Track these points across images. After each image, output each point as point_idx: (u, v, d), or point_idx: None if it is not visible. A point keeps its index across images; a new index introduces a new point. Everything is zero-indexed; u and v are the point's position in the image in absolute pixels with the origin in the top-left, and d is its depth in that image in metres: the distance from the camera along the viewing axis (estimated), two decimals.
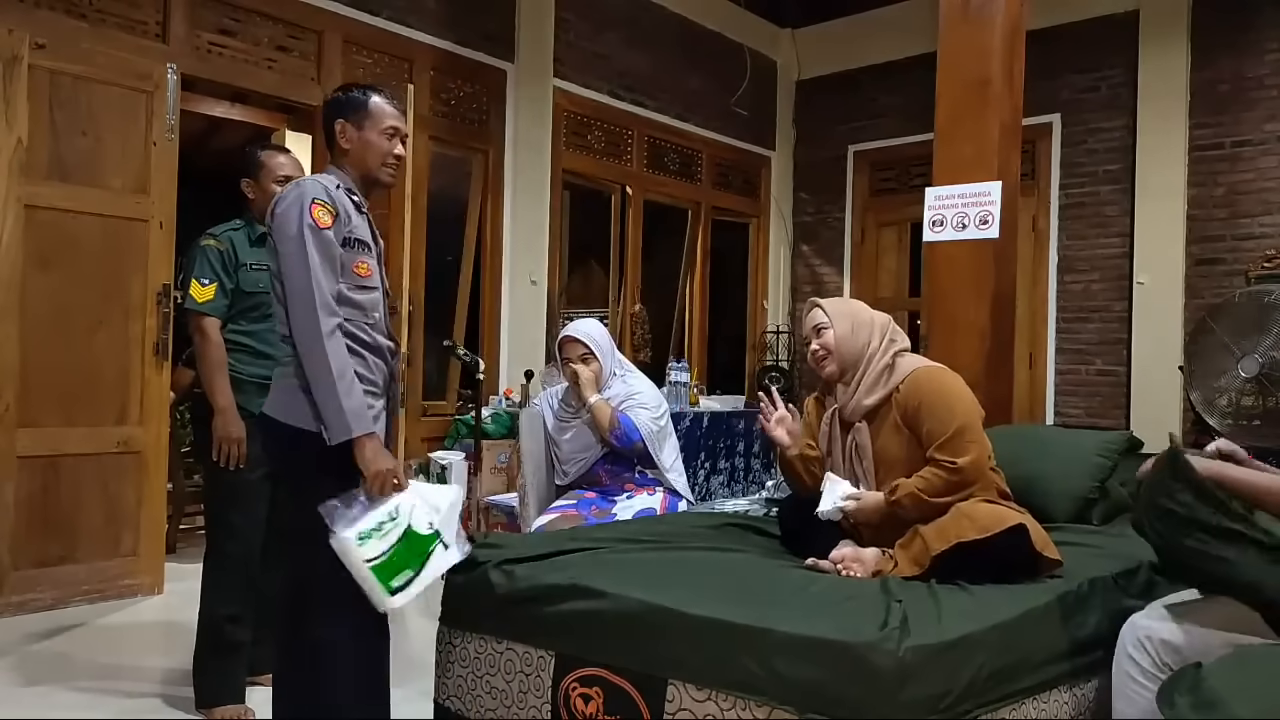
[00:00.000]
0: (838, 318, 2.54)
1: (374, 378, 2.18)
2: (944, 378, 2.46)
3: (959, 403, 2.40)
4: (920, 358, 2.56)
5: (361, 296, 2.16)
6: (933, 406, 2.38)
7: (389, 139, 2.23)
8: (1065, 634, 2.05)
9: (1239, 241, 5.61)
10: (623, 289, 6.57)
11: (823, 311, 2.57)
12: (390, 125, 2.23)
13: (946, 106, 3.71)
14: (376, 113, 2.22)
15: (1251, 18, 5.60)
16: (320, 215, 2.06)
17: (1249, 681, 1.64)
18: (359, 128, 2.21)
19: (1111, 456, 3.09)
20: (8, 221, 3.65)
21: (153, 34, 4.23)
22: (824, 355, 2.53)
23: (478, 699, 2.24)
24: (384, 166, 2.23)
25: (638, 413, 3.17)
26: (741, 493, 5.84)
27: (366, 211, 2.24)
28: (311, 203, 2.06)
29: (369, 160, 2.22)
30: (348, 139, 2.22)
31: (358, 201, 2.21)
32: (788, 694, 1.77)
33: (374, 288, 2.20)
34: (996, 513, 2.25)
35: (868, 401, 2.46)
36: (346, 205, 2.15)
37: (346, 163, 2.23)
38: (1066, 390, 6.22)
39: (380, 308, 2.22)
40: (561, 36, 5.88)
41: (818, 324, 2.56)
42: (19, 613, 3.65)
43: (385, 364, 2.24)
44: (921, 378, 2.44)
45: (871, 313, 2.60)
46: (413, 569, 2.02)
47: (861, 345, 2.50)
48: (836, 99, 7.33)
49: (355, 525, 1.99)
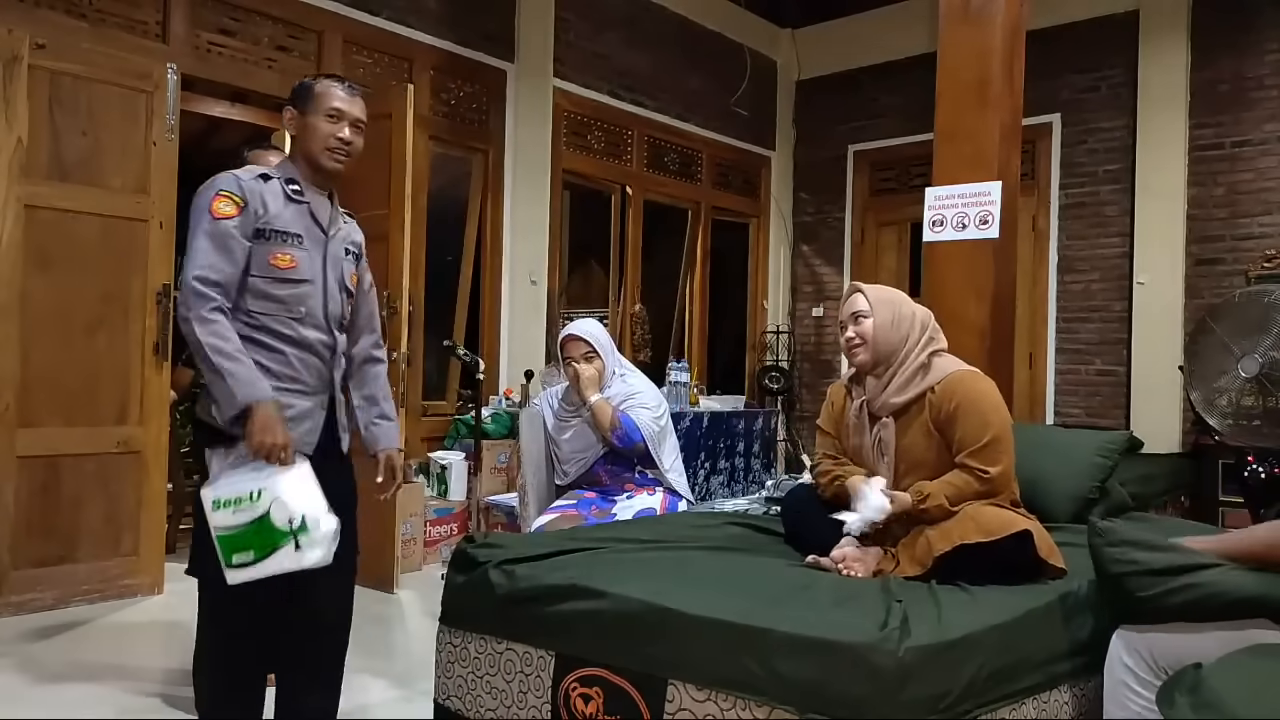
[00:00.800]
0: (879, 306, 2.48)
1: (295, 373, 2.14)
2: (981, 384, 2.42)
3: (994, 413, 2.37)
4: (956, 360, 2.50)
5: (280, 290, 2.12)
6: (968, 413, 2.35)
7: (332, 121, 2.18)
8: (1065, 634, 2.05)
9: (1239, 241, 5.61)
10: (623, 289, 6.57)
11: (864, 298, 2.50)
12: (333, 107, 2.18)
13: (946, 106, 3.71)
14: (321, 95, 2.19)
15: (1251, 18, 5.60)
16: (220, 206, 2.05)
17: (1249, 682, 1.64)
18: (303, 113, 2.19)
19: (1111, 456, 3.09)
20: (8, 221, 3.65)
21: (153, 34, 4.23)
22: (859, 344, 2.47)
23: (478, 699, 2.24)
24: (326, 150, 2.18)
25: (639, 413, 3.17)
26: (741, 493, 5.84)
27: (308, 201, 2.18)
28: (216, 194, 2.07)
29: (311, 144, 2.18)
30: (293, 125, 2.20)
31: (294, 191, 2.16)
32: (788, 694, 1.77)
33: (298, 280, 2.14)
34: (1003, 517, 2.25)
35: (898, 400, 2.43)
36: (268, 195, 2.11)
37: (296, 150, 2.21)
38: (1066, 390, 6.22)
39: (310, 301, 2.16)
40: (561, 36, 5.88)
41: (857, 311, 2.49)
42: (19, 613, 3.65)
43: (319, 359, 2.18)
44: (957, 382, 2.40)
45: (914, 306, 2.55)
46: (255, 553, 1.96)
47: (899, 339, 2.45)
48: (836, 99, 7.33)
49: (217, 488, 1.99)
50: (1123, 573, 1.89)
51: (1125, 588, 1.90)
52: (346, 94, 2.21)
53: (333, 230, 2.23)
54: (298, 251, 2.14)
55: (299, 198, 2.17)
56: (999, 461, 2.33)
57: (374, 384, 2.39)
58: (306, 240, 2.16)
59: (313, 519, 1.97)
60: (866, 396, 2.50)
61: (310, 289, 2.16)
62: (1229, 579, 1.83)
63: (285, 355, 2.13)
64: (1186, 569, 1.84)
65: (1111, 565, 1.91)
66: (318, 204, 2.21)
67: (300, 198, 2.17)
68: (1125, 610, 1.94)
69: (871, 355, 2.46)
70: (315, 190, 2.22)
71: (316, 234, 2.19)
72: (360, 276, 2.35)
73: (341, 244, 2.26)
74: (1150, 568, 1.86)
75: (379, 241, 4.34)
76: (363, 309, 2.37)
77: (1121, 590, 1.91)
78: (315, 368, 2.18)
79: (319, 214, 2.21)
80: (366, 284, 2.39)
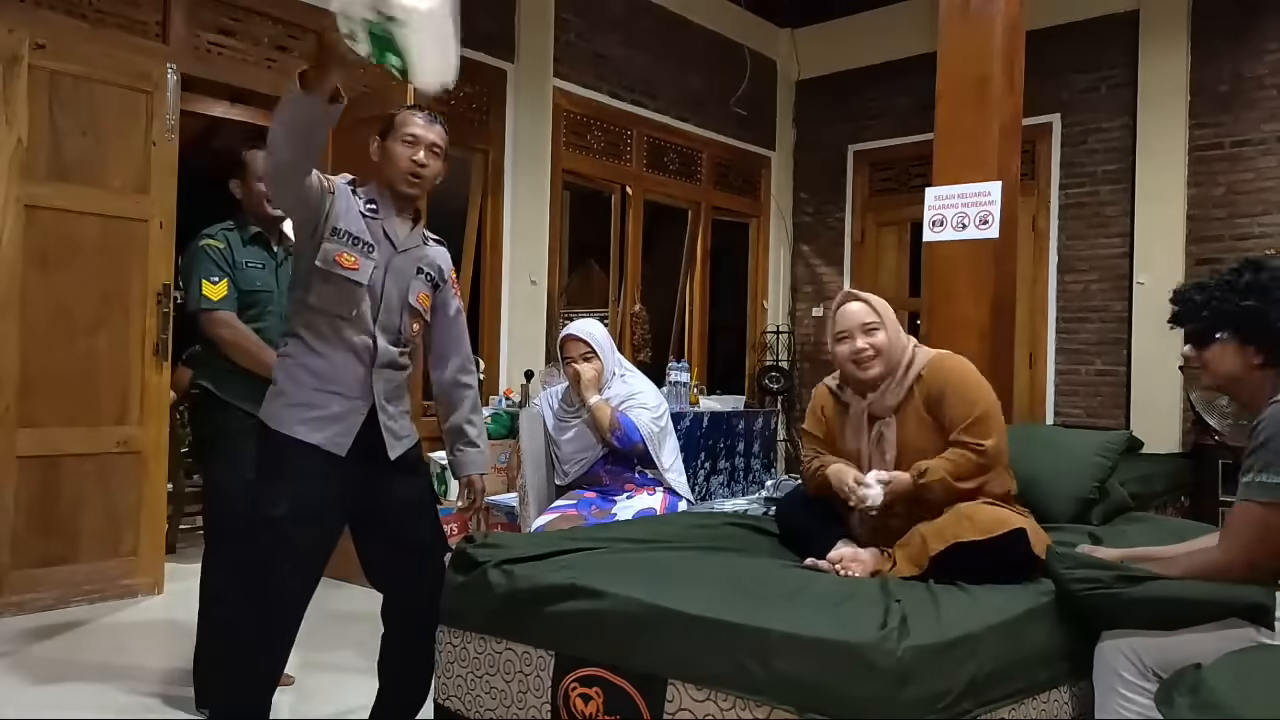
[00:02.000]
0: (887, 318, 2.49)
1: (334, 376, 2.19)
2: (964, 365, 2.48)
3: (979, 389, 2.42)
4: (927, 348, 2.56)
5: (337, 287, 2.17)
6: (955, 392, 2.39)
7: (409, 145, 2.25)
8: (1065, 633, 2.05)
9: (1238, 241, 5.60)
10: (623, 289, 6.57)
11: (872, 310, 2.49)
12: (410, 132, 2.25)
13: (946, 106, 3.71)
14: (400, 122, 2.27)
15: (1251, 18, 5.60)
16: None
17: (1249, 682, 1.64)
18: (383, 140, 2.27)
19: (1111, 456, 3.09)
20: (8, 221, 3.65)
21: (153, 34, 4.23)
22: (873, 355, 2.44)
23: (478, 699, 2.24)
24: (402, 173, 2.25)
25: (638, 413, 3.17)
26: (741, 493, 5.84)
27: (381, 219, 2.25)
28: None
29: (389, 169, 2.25)
30: (376, 153, 2.28)
31: (370, 209, 2.24)
32: (788, 694, 1.77)
33: (355, 283, 2.18)
34: (997, 515, 2.25)
35: (895, 399, 2.46)
36: (350, 200, 2.20)
37: (379, 176, 2.28)
38: (1066, 390, 6.22)
39: (363, 307, 2.20)
40: (561, 36, 5.88)
41: (866, 322, 2.46)
42: (19, 613, 3.65)
43: (362, 365, 2.22)
44: (940, 365, 2.44)
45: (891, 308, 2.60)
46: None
47: (902, 347, 2.49)
48: (836, 99, 7.33)
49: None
50: (1080, 592, 1.98)
51: (1087, 604, 1.98)
52: (424, 120, 2.28)
53: (405, 247, 2.29)
54: (363, 258, 2.20)
55: (373, 215, 2.24)
56: (990, 434, 2.36)
57: (460, 410, 2.47)
58: (376, 252, 2.22)
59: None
60: (867, 402, 2.50)
61: (365, 293, 2.21)
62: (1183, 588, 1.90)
63: (327, 359, 2.19)
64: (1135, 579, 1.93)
65: (1069, 585, 2.00)
66: (391, 222, 2.27)
67: (374, 215, 2.24)
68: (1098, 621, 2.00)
69: (885, 367, 2.46)
70: (394, 213, 2.28)
71: (386, 248, 2.25)
72: (440, 302, 2.41)
73: (414, 261, 2.31)
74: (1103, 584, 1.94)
75: None
76: (449, 334, 2.46)
77: (1085, 606, 1.99)
78: (356, 373, 2.22)
79: (391, 230, 2.27)
80: (453, 310, 2.46)
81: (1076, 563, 2.02)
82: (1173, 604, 1.88)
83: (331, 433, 2.18)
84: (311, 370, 2.18)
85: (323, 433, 2.16)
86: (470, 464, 2.48)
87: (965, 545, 2.17)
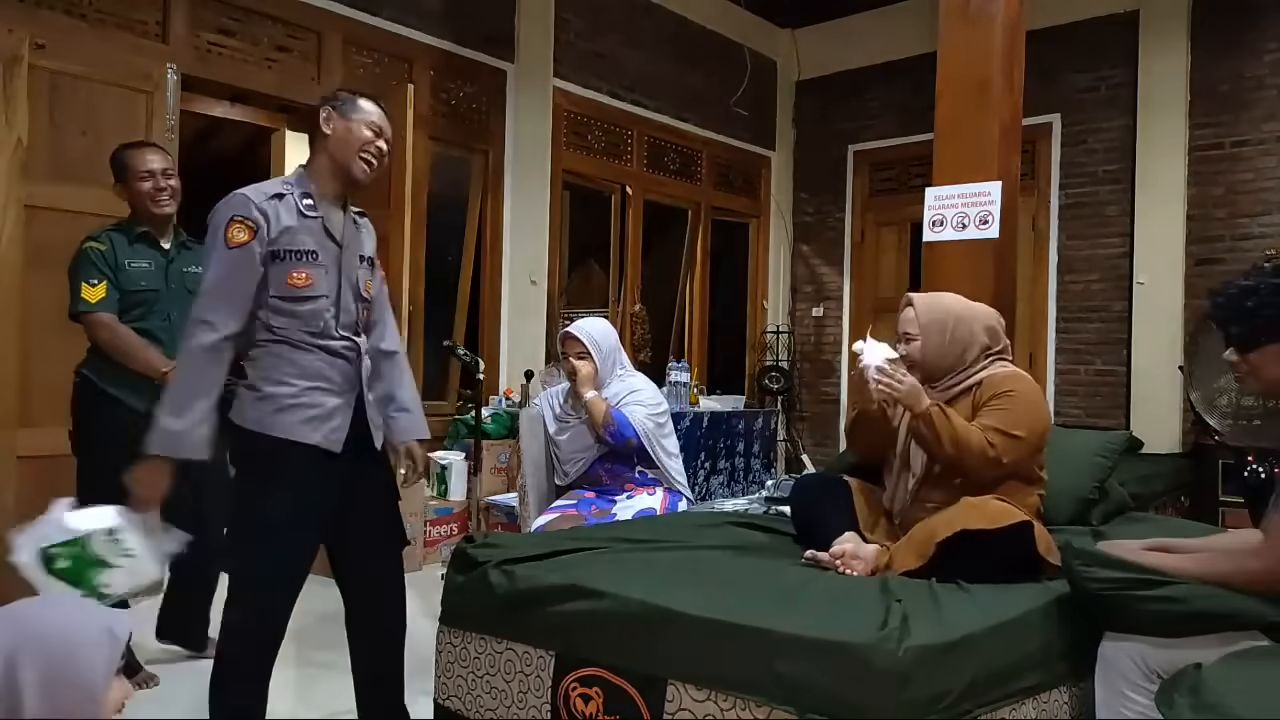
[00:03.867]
0: (930, 327, 2.49)
1: (322, 373, 2.18)
2: (1027, 387, 2.47)
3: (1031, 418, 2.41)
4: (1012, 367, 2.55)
5: (300, 308, 2.15)
6: (1005, 407, 2.40)
7: (366, 131, 2.22)
8: (1065, 634, 2.05)
9: (1239, 241, 5.61)
10: (623, 289, 6.57)
11: (914, 319, 2.52)
12: (373, 121, 2.23)
13: (946, 106, 3.70)
14: (363, 106, 2.24)
15: (1251, 18, 5.60)
16: (235, 233, 2.08)
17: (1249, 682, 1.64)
18: (344, 116, 2.22)
19: (1111, 456, 3.09)
20: (8, 221, 3.65)
21: (153, 34, 4.23)
22: (910, 364, 2.49)
23: (478, 699, 2.24)
24: (360, 154, 2.21)
25: (633, 410, 3.17)
26: (741, 493, 5.84)
27: (320, 215, 2.19)
28: (229, 221, 2.09)
29: (347, 146, 2.20)
30: (331, 124, 2.21)
31: (307, 207, 2.17)
32: (788, 694, 1.77)
33: (314, 297, 2.16)
34: (1005, 508, 2.26)
35: (941, 396, 2.49)
36: (282, 214, 2.13)
37: (324, 152, 2.22)
38: (1066, 390, 6.21)
39: (327, 316, 2.19)
40: (561, 36, 5.88)
41: (906, 331, 2.52)
42: None
43: (345, 360, 2.22)
44: (1010, 376, 2.47)
45: (966, 323, 2.53)
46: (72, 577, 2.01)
47: (955, 357, 2.49)
48: (836, 99, 7.33)
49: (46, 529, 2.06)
50: (1095, 591, 1.94)
51: (1100, 604, 1.95)
52: (382, 117, 2.27)
53: (346, 242, 2.25)
54: (313, 269, 2.16)
55: (311, 213, 2.18)
56: (1012, 452, 2.37)
57: (388, 377, 2.40)
58: (322, 256, 2.18)
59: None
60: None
61: (326, 303, 2.19)
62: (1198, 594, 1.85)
63: (313, 355, 2.17)
64: (1155, 584, 1.87)
65: (1084, 583, 1.96)
66: (331, 217, 2.22)
67: (313, 213, 2.18)
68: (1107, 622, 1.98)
69: (922, 376, 2.50)
70: (329, 203, 2.23)
71: (331, 249, 2.20)
72: (376, 279, 2.38)
73: (355, 252, 2.28)
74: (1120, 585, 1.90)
75: (379, 241, 4.34)
76: (375, 305, 2.40)
77: (1097, 606, 1.96)
78: (341, 368, 2.21)
79: (332, 228, 2.22)
80: (378, 281, 2.41)
81: (1094, 559, 1.98)
82: (1190, 616, 1.84)
83: (327, 430, 2.17)
84: (299, 369, 2.15)
85: (320, 431, 2.15)
86: (406, 429, 2.39)
87: (971, 535, 2.16)
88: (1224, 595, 1.84)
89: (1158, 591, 1.86)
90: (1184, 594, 1.85)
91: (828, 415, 7.37)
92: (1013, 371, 2.51)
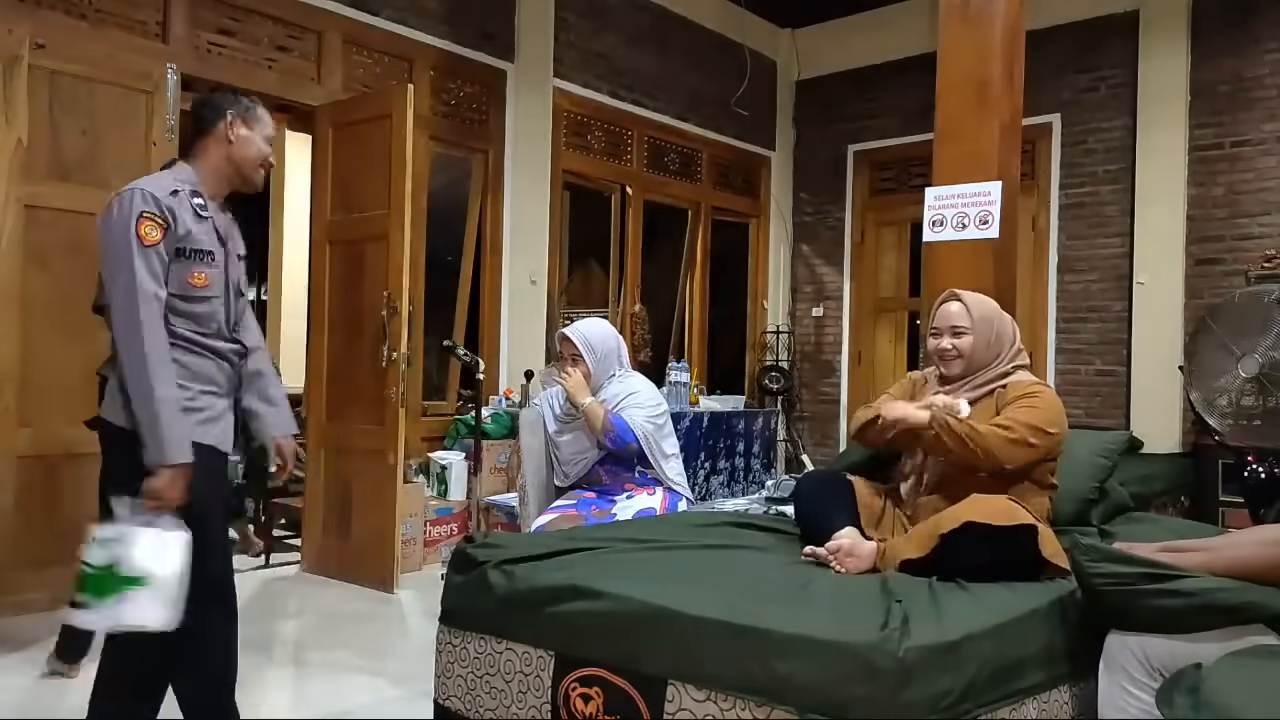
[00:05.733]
0: (980, 324, 2.56)
1: (213, 376, 2.18)
2: (1052, 396, 2.54)
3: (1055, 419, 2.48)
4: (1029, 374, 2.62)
5: (197, 308, 2.14)
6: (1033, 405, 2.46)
7: (268, 143, 2.28)
8: (1066, 634, 2.05)
9: (1239, 241, 5.61)
10: (623, 289, 6.57)
11: (966, 310, 2.57)
12: (271, 135, 2.30)
13: (946, 106, 3.70)
14: (263, 118, 2.27)
15: (1251, 18, 5.60)
16: (148, 231, 2.04)
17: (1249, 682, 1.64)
18: (249, 125, 2.23)
19: (1111, 456, 3.08)
20: (8, 221, 3.65)
21: (153, 34, 4.23)
22: (955, 356, 2.57)
23: (478, 699, 2.24)
24: (260, 167, 2.26)
25: (632, 412, 3.17)
26: (741, 493, 5.85)
27: (211, 216, 2.18)
28: (139, 218, 2.03)
29: (249, 159, 2.23)
30: (235, 132, 2.21)
31: (199, 207, 2.15)
32: (788, 694, 1.77)
33: (209, 297, 2.16)
34: (1012, 509, 2.26)
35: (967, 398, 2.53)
36: (183, 212, 2.11)
37: (217, 156, 2.21)
38: (1066, 390, 6.21)
39: (220, 316, 2.19)
40: (561, 36, 5.88)
41: (956, 325, 2.57)
42: (19, 613, 3.65)
43: (229, 364, 2.23)
44: (1030, 385, 2.53)
45: (1005, 323, 2.64)
46: (93, 596, 1.99)
47: (992, 357, 2.57)
48: (836, 99, 7.33)
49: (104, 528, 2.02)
50: (1102, 587, 1.93)
51: (1107, 601, 1.94)
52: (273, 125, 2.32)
53: (230, 243, 2.26)
54: (210, 270, 2.16)
55: (204, 213, 2.17)
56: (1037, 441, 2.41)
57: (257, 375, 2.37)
58: (215, 256, 2.18)
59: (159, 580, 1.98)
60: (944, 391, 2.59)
61: (217, 305, 2.19)
62: (1207, 588, 1.85)
63: (207, 360, 2.17)
64: (1164, 578, 1.87)
65: (1092, 579, 1.96)
66: (218, 218, 2.23)
67: (205, 213, 2.18)
68: (1113, 621, 1.97)
69: (964, 370, 2.58)
70: (215, 204, 2.23)
71: (219, 248, 2.21)
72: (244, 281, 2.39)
73: (235, 254, 2.29)
74: (1128, 581, 1.90)
75: (379, 241, 4.35)
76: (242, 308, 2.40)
77: (1104, 603, 1.96)
78: (227, 372, 2.23)
79: (220, 228, 2.23)
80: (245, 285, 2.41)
81: (1103, 555, 1.98)
82: (1199, 610, 1.84)
83: (219, 431, 2.19)
84: (192, 373, 2.13)
85: (213, 433, 2.16)
86: (276, 424, 2.38)
87: (974, 531, 2.16)
88: (1232, 589, 1.84)
89: (1166, 586, 1.86)
90: (1192, 588, 1.84)
91: (828, 415, 7.37)
92: (1037, 380, 2.59)
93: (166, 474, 2.01)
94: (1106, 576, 1.93)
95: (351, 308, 4.50)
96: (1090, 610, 2.02)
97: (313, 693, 3.06)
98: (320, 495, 4.60)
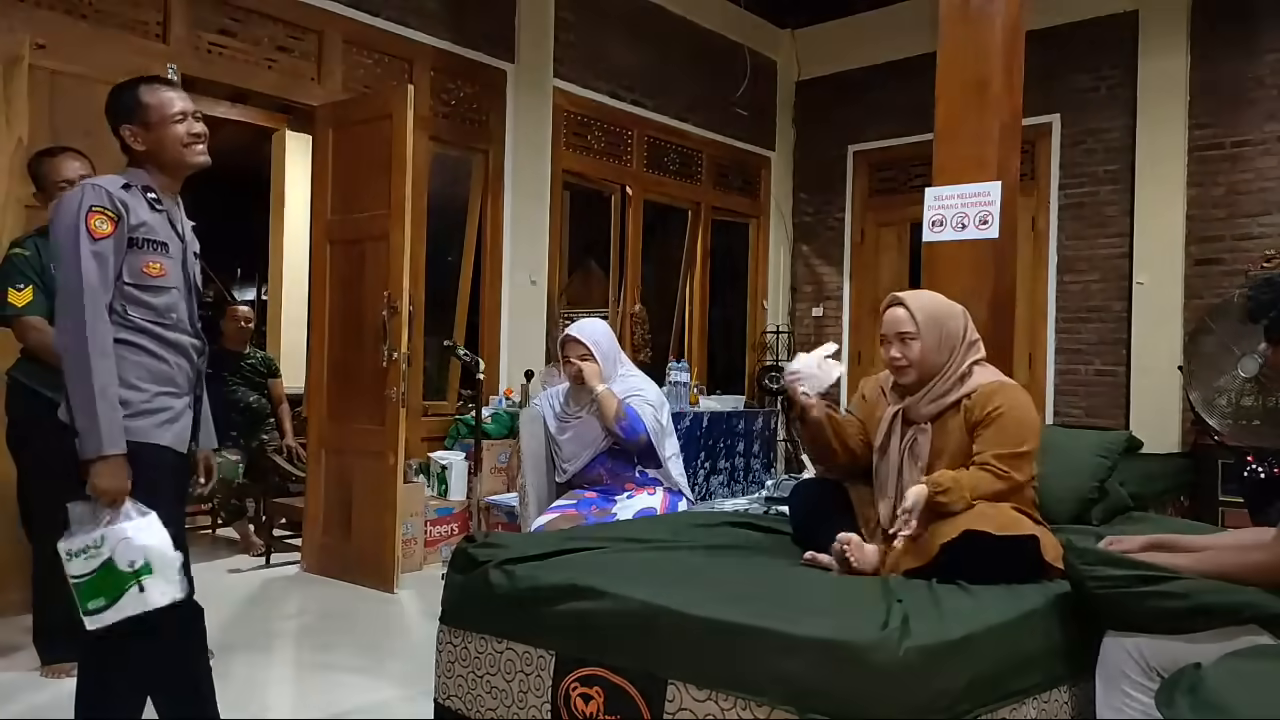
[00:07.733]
0: (927, 327, 2.44)
1: (171, 376, 2.16)
2: (1023, 396, 2.44)
3: (1029, 430, 2.40)
4: (995, 370, 2.53)
5: (154, 299, 2.12)
6: (1005, 426, 2.36)
7: (179, 123, 2.18)
8: (1065, 634, 2.05)
9: (1239, 241, 5.61)
10: (623, 289, 6.57)
11: (909, 315, 2.46)
12: (176, 111, 2.17)
13: (946, 106, 3.70)
14: (157, 104, 2.18)
15: (1251, 18, 5.60)
16: (98, 224, 2.02)
17: (1249, 682, 1.64)
18: (146, 127, 2.17)
19: (1111, 456, 3.09)
20: (8, 221, 3.65)
21: (153, 34, 4.23)
22: (905, 365, 2.45)
23: (478, 699, 2.24)
24: (187, 149, 2.19)
25: (642, 407, 3.17)
26: (741, 493, 5.84)
27: (166, 209, 2.17)
28: (90, 211, 2.02)
29: (170, 152, 2.18)
30: (140, 141, 2.18)
31: (153, 200, 2.15)
32: (788, 694, 1.77)
33: (168, 288, 2.15)
34: (1015, 517, 2.25)
35: (933, 408, 2.45)
36: (136, 204, 2.10)
37: (144, 162, 2.19)
38: (1066, 390, 6.22)
39: (180, 308, 2.18)
40: (561, 36, 5.88)
41: (902, 331, 2.45)
42: (19, 613, 3.64)
43: (189, 362, 2.21)
44: (998, 390, 2.42)
45: (954, 318, 2.51)
46: (106, 599, 1.99)
47: (945, 358, 2.45)
48: (836, 99, 7.33)
49: (71, 541, 2.01)
50: (1096, 589, 1.94)
51: (1102, 602, 1.94)
52: (176, 92, 2.21)
53: (187, 237, 2.25)
54: (165, 260, 2.15)
55: (159, 207, 2.17)
56: (1024, 470, 2.36)
57: None
58: (171, 248, 2.17)
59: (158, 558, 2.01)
60: (903, 405, 2.50)
61: (177, 296, 2.18)
62: (1199, 589, 1.85)
63: (164, 359, 2.15)
64: (1156, 580, 1.87)
65: (1086, 582, 1.96)
66: (173, 211, 2.22)
67: (160, 207, 2.17)
68: (1109, 621, 1.97)
69: (918, 376, 2.46)
70: (169, 197, 2.22)
71: (176, 242, 2.20)
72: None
73: (191, 249, 2.28)
74: (1122, 583, 1.90)
75: (379, 241, 4.35)
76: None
77: (1099, 605, 1.96)
78: (185, 370, 2.21)
79: (175, 221, 2.22)
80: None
81: (1096, 558, 1.99)
82: (1193, 611, 1.84)
83: (178, 430, 2.17)
84: (151, 374, 2.12)
85: (172, 433, 2.14)
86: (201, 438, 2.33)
87: (975, 541, 2.15)
88: (1225, 589, 1.85)
89: (1159, 588, 1.86)
90: (1185, 589, 1.85)
91: None
92: (998, 382, 2.46)
93: (103, 467, 1.98)
94: (1100, 579, 1.94)
95: (352, 308, 4.50)
96: (1084, 610, 2.02)
97: (313, 693, 3.06)
98: (321, 495, 4.61)
